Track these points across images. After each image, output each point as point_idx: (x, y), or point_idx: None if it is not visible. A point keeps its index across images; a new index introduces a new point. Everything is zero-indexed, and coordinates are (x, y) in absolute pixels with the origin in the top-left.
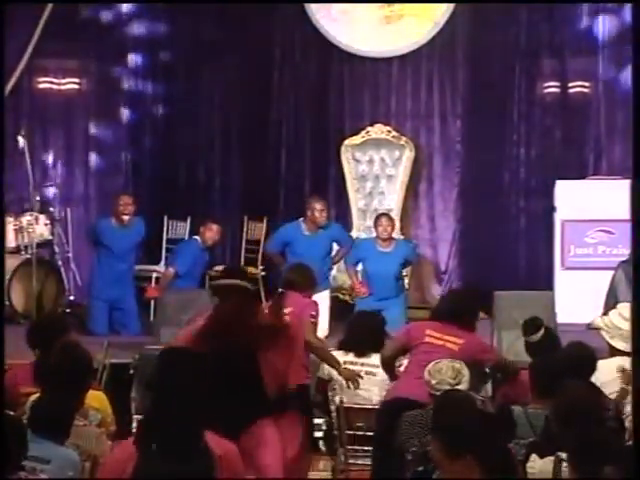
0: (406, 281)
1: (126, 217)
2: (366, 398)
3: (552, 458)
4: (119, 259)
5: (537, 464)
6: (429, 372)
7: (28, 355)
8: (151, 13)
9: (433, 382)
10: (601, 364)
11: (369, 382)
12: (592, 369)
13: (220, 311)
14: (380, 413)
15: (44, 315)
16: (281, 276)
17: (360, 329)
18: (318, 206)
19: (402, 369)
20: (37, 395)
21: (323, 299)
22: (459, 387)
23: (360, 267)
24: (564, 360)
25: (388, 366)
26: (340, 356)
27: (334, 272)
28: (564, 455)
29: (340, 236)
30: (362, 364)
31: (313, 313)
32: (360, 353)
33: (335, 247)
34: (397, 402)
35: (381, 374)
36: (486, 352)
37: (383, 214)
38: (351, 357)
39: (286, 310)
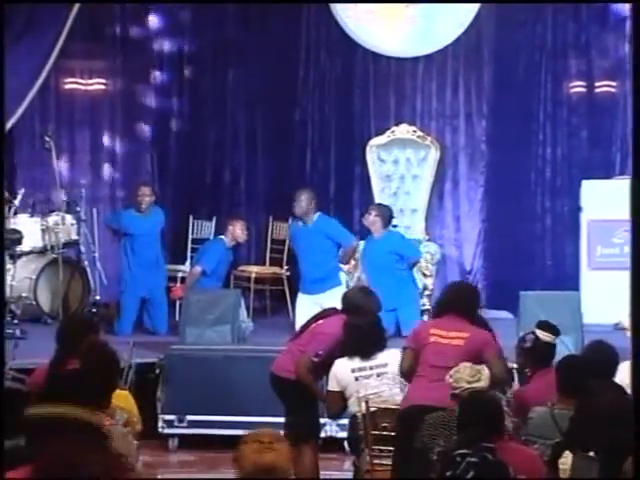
0: (430, 282)
1: (144, 205)
2: (388, 399)
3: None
4: (142, 246)
5: (569, 460)
6: (450, 374)
7: None
8: (177, 14)
9: (451, 380)
10: (627, 365)
11: (385, 382)
12: (613, 368)
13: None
14: (398, 422)
15: (73, 315)
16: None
17: (357, 336)
18: (299, 197)
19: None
20: None
21: (335, 297)
22: (478, 385)
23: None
24: (587, 360)
25: (409, 377)
26: (345, 363)
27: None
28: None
29: (328, 229)
30: (371, 367)
31: (320, 352)
32: (365, 356)
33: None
34: (413, 409)
35: (392, 370)
36: (488, 345)
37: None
38: (358, 362)
39: (320, 321)
